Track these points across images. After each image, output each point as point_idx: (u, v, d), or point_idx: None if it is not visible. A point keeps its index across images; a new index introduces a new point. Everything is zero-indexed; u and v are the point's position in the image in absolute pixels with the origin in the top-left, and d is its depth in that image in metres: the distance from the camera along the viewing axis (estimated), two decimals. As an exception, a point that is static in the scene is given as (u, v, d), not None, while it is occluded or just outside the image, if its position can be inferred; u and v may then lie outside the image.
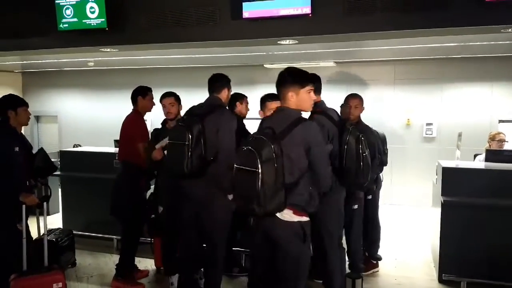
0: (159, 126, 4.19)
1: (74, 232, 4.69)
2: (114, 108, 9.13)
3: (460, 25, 3.77)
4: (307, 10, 3.98)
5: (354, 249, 4.04)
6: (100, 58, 7.22)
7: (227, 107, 3.54)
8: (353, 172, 3.12)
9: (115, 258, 4.14)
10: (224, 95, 3.40)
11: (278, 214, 2.47)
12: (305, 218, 2.55)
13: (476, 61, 6.90)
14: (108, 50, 5.26)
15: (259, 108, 3.84)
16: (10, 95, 3.59)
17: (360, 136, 3.15)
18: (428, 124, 7.23)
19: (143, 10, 4.67)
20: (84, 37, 4.87)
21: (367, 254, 4.37)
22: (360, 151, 3.10)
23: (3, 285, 3.38)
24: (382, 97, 7.48)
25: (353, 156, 3.10)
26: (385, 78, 7.46)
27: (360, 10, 3.97)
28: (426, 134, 7.27)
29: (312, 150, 2.50)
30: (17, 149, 3.44)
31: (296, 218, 2.51)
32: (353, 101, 4.11)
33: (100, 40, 4.88)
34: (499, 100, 6.88)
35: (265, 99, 3.66)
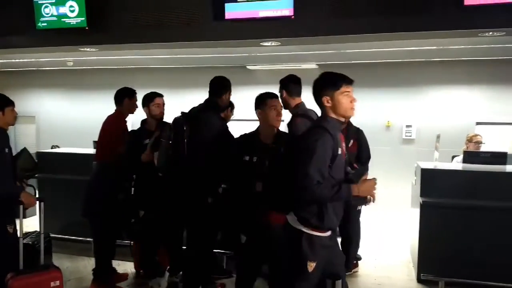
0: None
1: (51, 235, 4.58)
2: (94, 109, 8.98)
3: (439, 29, 3.86)
4: (289, 12, 4.00)
5: (356, 241, 4.18)
6: (79, 58, 7.09)
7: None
8: None
9: (94, 262, 4.07)
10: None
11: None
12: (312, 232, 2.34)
13: (454, 64, 7.04)
14: (88, 49, 5.17)
15: (243, 109, 3.81)
16: None
17: None
18: (407, 126, 7.34)
19: (124, 10, 4.61)
20: (63, 36, 4.78)
21: None
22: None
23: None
24: (363, 99, 7.52)
25: None
26: (366, 81, 7.53)
27: (342, 13, 4.01)
28: (406, 136, 7.38)
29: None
30: (7, 150, 3.34)
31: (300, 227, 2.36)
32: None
33: (80, 40, 4.80)
34: (476, 103, 7.04)
35: (264, 97, 3.33)
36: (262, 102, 3.20)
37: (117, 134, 3.87)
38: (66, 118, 9.19)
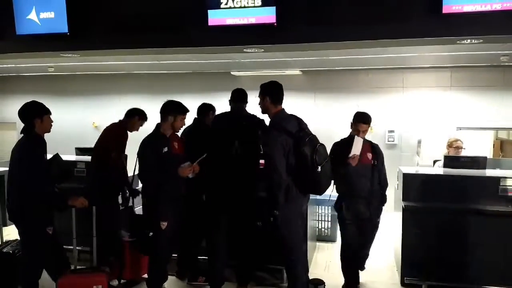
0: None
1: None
2: (76, 115, 8.89)
3: (418, 36, 3.92)
4: (272, 19, 4.02)
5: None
6: (61, 64, 7.01)
7: None
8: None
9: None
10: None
11: None
12: None
13: (435, 70, 7.19)
14: (69, 55, 5.11)
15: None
16: (34, 102, 3.47)
17: (317, 146, 3.29)
18: (390, 131, 7.45)
19: (106, 15, 4.58)
20: (44, 42, 4.71)
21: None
22: (316, 161, 3.22)
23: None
24: (346, 105, 7.65)
25: (309, 167, 3.22)
26: (348, 87, 7.63)
27: (324, 21, 4.06)
28: (388, 141, 7.48)
29: None
30: (45, 157, 3.46)
31: None
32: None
33: (61, 45, 4.74)
34: (457, 108, 7.17)
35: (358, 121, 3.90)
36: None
37: (116, 144, 4.18)
38: (47, 124, 9.04)
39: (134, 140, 4.05)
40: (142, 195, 3.83)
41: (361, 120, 3.85)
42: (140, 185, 4.07)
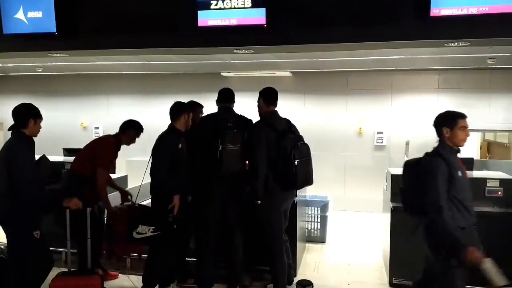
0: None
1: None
2: (64, 116, 8.80)
3: (406, 39, 3.97)
4: (262, 21, 4.03)
5: None
6: (49, 64, 6.93)
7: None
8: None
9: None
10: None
11: None
12: None
13: (423, 72, 7.27)
14: (57, 55, 5.06)
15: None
16: (29, 104, 3.46)
17: (299, 144, 3.62)
18: (379, 133, 7.51)
19: (95, 15, 4.55)
20: (32, 41, 4.66)
21: None
22: (294, 156, 3.51)
23: None
24: (335, 106, 7.70)
25: (286, 158, 3.52)
26: (338, 89, 7.68)
27: (313, 23, 4.08)
28: (377, 142, 7.54)
29: None
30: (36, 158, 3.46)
31: None
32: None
33: (49, 45, 4.69)
34: (444, 110, 7.23)
35: (455, 117, 3.20)
36: (452, 121, 3.12)
37: (110, 158, 4.02)
38: (35, 125, 8.93)
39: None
40: (150, 191, 3.86)
41: (460, 115, 3.16)
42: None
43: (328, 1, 4.07)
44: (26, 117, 3.34)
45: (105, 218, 4.15)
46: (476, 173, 4.38)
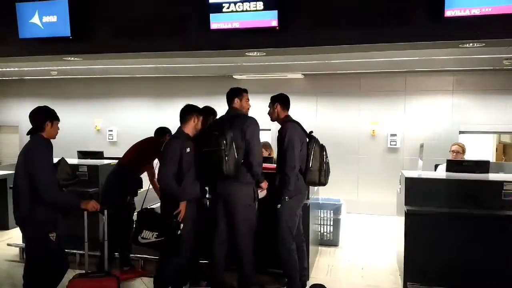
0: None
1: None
2: (78, 118, 8.91)
3: (420, 40, 3.92)
4: (274, 23, 4.03)
5: None
6: (64, 67, 7.03)
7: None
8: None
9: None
10: (237, 104, 3.91)
11: None
12: None
13: (438, 74, 7.18)
14: (72, 59, 5.13)
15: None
16: (45, 107, 3.50)
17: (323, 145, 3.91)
18: (392, 135, 7.43)
19: (109, 19, 4.60)
20: (47, 46, 4.73)
21: None
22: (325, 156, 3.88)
23: None
24: (348, 108, 7.65)
25: (317, 160, 3.84)
26: (351, 90, 7.63)
27: (326, 25, 4.07)
28: (391, 145, 7.46)
29: None
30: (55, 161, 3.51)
31: None
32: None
33: (63, 49, 4.75)
34: (460, 112, 7.16)
35: None
36: None
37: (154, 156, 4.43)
38: (50, 128, 9.06)
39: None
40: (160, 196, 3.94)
41: None
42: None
43: (340, 2, 4.04)
44: (42, 120, 3.37)
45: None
46: (492, 176, 4.30)
